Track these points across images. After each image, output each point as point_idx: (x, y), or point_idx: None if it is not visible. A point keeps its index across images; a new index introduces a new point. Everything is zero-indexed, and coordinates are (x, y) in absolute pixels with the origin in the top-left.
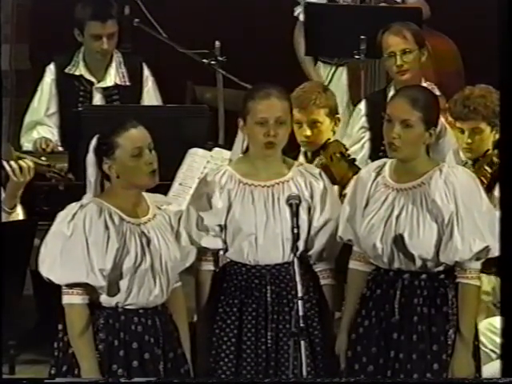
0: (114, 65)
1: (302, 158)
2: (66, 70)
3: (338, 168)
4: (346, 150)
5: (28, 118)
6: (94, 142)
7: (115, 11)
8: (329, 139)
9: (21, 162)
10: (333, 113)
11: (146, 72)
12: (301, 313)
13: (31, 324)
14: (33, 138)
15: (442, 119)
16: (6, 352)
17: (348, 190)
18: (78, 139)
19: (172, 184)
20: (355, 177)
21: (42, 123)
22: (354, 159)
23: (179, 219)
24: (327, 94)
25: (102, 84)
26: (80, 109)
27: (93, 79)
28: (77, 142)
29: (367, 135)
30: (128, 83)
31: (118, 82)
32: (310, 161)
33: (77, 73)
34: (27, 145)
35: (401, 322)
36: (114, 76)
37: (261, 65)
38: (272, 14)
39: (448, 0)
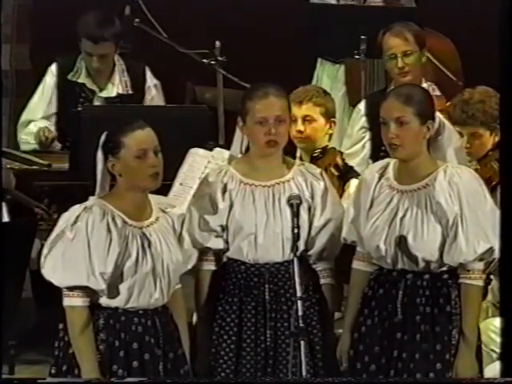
0: (117, 73)
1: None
2: (69, 77)
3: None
4: (343, 159)
5: (24, 117)
6: (102, 138)
7: (111, 32)
8: (326, 146)
9: None
10: (329, 115)
11: (149, 79)
12: (300, 312)
13: (31, 324)
14: (30, 130)
15: (440, 116)
16: (6, 352)
17: (352, 192)
18: (78, 139)
19: (173, 184)
20: (359, 178)
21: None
22: (351, 167)
23: (182, 222)
24: (326, 96)
25: (104, 94)
26: (80, 109)
27: (95, 88)
28: (77, 142)
29: (368, 135)
30: (130, 92)
31: (121, 92)
32: None
33: (79, 80)
34: (24, 137)
35: (404, 321)
36: (116, 85)
37: (261, 65)
38: (272, 14)
39: (448, 1)
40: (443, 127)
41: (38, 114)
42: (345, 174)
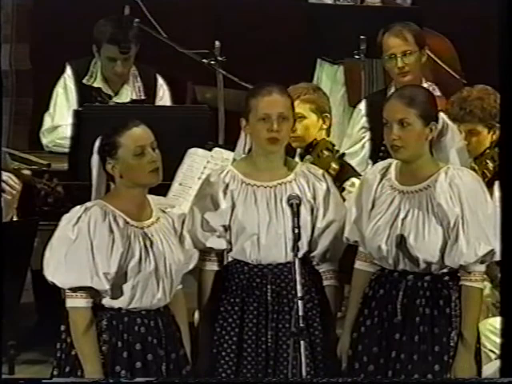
0: (130, 80)
1: (297, 159)
2: (85, 81)
3: (325, 162)
4: (333, 145)
5: (52, 122)
6: (97, 143)
7: (134, 34)
8: (322, 139)
9: (8, 178)
10: (320, 110)
11: (160, 84)
12: (301, 313)
13: (31, 324)
14: (64, 134)
15: (444, 117)
16: (6, 352)
17: (354, 192)
18: (78, 139)
19: (172, 184)
20: (361, 178)
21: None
22: (343, 154)
23: (183, 222)
24: (316, 92)
25: (118, 99)
26: (80, 109)
27: (110, 92)
28: (77, 142)
29: (367, 135)
30: (143, 97)
31: (134, 97)
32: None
33: (95, 85)
34: (59, 141)
35: (403, 322)
36: (130, 92)
37: (261, 65)
38: (272, 14)
39: (448, 1)
40: (446, 128)
41: (67, 120)
42: (340, 155)
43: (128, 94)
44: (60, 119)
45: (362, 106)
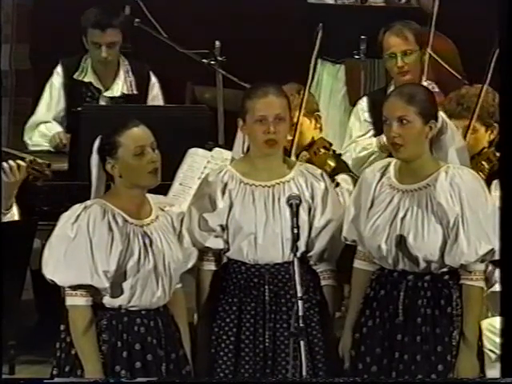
0: (121, 73)
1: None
2: (75, 76)
3: (321, 160)
4: (330, 145)
5: (34, 118)
6: (97, 142)
7: (118, 20)
8: (319, 138)
9: (11, 162)
10: (311, 111)
11: (153, 83)
12: (300, 313)
13: (31, 324)
14: (42, 132)
15: (443, 115)
16: (6, 352)
17: (352, 191)
18: (78, 139)
19: (172, 184)
20: (360, 177)
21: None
22: (340, 154)
23: (181, 221)
24: (300, 95)
25: (109, 93)
26: (80, 109)
27: (101, 87)
28: (76, 142)
29: (371, 131)
30: (135, 92)
31: (126, 92)
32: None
33: (85, 79)
34: (36, 139)
35: (405, 323)
36: (121, 86)
37: (261, 65)
38: (272, 14)
39: (449, 2)
40: (446, 127)
41: (49, 116)
42: (337, 154)
43: (119, 88)
44: (40, 116)
45: (364, 101)
